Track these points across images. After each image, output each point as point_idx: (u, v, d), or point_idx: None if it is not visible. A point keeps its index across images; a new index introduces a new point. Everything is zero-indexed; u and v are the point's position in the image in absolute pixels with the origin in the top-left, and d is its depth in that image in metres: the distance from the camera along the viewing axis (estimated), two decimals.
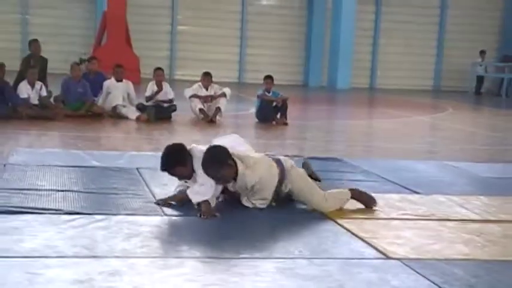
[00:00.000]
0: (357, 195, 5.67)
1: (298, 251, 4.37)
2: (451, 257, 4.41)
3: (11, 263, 3.79)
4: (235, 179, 5.32)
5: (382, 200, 5.89)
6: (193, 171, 5.36)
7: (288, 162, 5.61)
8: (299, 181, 5.55)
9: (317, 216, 5.34)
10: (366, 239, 4.68)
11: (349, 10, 22.57)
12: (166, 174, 5.56)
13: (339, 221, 5.16)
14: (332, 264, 4.14)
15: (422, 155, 9.37)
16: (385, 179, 6.95)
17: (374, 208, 5.62)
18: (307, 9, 24.27)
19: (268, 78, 12.20)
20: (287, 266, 4.07)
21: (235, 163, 5.30)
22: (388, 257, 4.33)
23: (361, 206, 5.67)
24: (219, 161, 5.23)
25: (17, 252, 3.98)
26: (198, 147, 5.52)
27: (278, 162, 5.55)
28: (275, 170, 5.46)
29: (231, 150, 5.37)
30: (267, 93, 12.02)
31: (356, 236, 4.78)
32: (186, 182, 5.51)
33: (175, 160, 5.38)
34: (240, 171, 5.29)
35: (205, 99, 11.85)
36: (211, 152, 5.31)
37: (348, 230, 4.91)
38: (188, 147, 5.56)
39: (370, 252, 4.45)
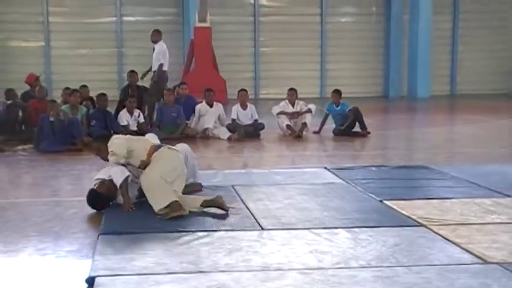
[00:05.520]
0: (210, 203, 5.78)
1: (394, 259, 4.42)
2: None
3: (126, 280, 4.03)
4: None
5: (474, 205, 5.90)
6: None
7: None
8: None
9: (409, 222, 5.37)
10: (462, 245, 4.68)
11: (425, 20, 22.51)
12: (260, 190, 5.73)
13: (431, 227, 5.18)
14: (430, 271, 4.18)
15: (508, 159, 9.24)
16: (475, 183, 6.90)
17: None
18: (384, 22, 24.24)
19: (334, 92, 12.34)
20: (385, 274, 4.12)
21: None
22: (486, 262, 4.34)
23: (447, 211, 5.67)
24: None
25: (130, 270, 4.21)
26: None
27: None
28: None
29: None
30: (335, 107, 12.10)
31: (451, 241, 4.79)
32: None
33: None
34: None
35: (292, 116, 12.05)
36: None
37: (442, 236, 4.93)
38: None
39: (467, 257, 4.46)
